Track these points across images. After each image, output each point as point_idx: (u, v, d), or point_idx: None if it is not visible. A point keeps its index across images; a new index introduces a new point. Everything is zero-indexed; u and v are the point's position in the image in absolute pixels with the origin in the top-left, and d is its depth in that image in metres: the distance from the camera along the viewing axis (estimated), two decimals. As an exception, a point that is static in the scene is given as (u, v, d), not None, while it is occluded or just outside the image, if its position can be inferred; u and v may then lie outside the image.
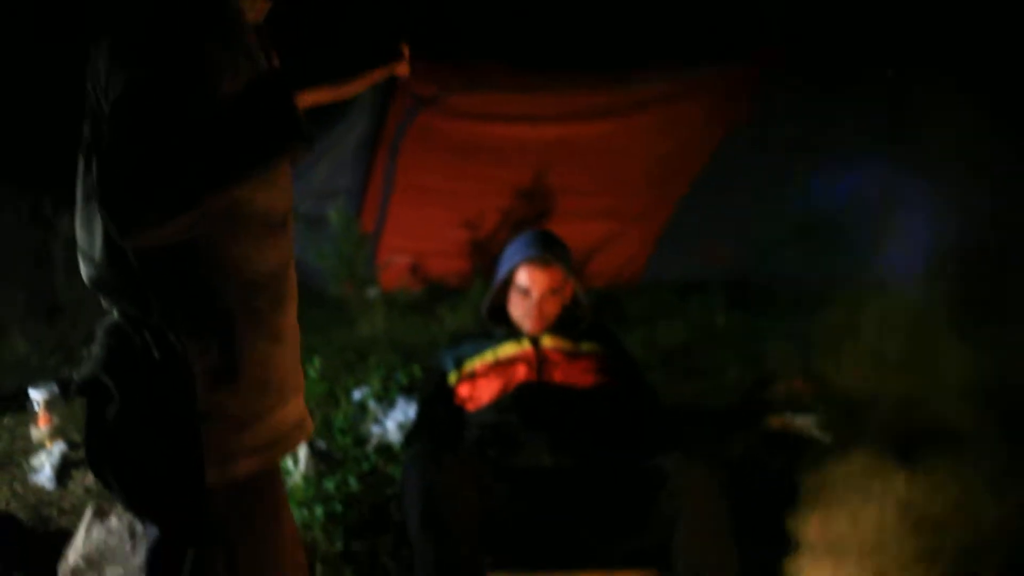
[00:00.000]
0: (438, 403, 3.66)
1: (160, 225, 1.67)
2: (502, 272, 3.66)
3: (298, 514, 3.32)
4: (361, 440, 3.49)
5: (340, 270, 6.20)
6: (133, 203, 1.65)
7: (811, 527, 3.39)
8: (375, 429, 3.69)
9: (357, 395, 3.77)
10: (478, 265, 6.66)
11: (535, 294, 3.59)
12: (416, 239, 6.95)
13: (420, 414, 3.71)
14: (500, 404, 3.52)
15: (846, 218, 5.67)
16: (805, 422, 3.71)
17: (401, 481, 3.26)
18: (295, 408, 2.04)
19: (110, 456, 1.87)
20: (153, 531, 1.92)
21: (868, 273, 5.39)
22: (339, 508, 3.33)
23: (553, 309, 3.65)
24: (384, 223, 6.90)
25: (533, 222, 6.68)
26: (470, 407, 3.59)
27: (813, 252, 5.62)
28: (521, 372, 3.57)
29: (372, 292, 6.62)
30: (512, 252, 3.69)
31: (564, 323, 3.70)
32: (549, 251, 3.61)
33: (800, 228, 5.73)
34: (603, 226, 6.88)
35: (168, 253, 1.76)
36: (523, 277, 3.60)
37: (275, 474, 2.04)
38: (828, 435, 3.68)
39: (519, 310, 3.64)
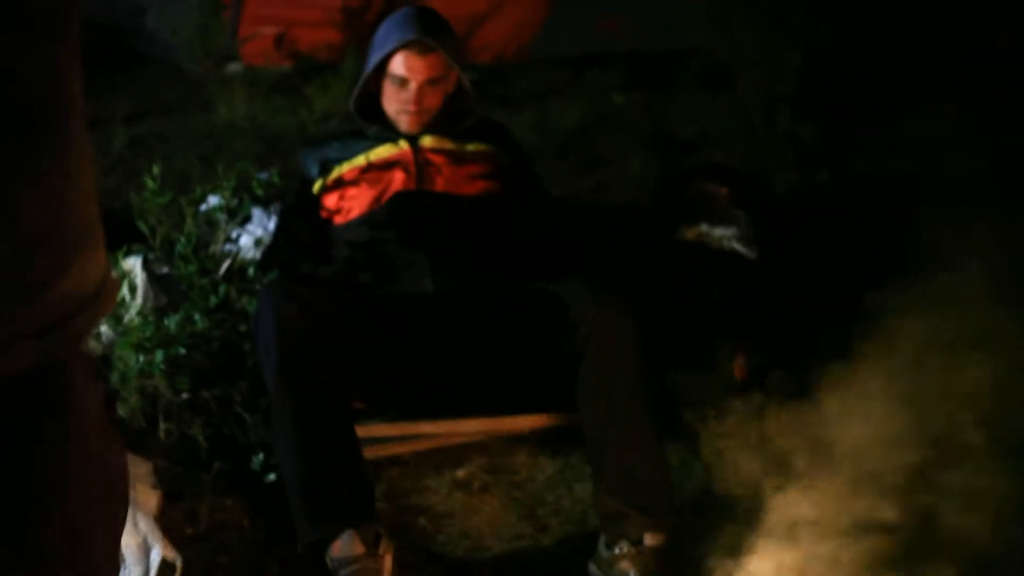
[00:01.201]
0: (299, 216, 3.13)
1: None
2: (373, 60, 3.08)
3: (135, 359, 2.80)
4: (208, 268, 2.93)
5: (194, 44, 5.50)
6: None
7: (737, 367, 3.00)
8: (227, 248, 3.14)
9: (205, 207, 3.18)
10: (351, 36, 6.01)
11: (413, 85, 3.03)
12: (282, 6, 6.25)
13: (277, 230, 3.19)
14: (373, 217, 3.02)
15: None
16: (725, 234, 3.23)
17: (254, 318, 2.74)
18: (91, 268, 1.46)
19: None
20: None
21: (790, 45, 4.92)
22: (182, 351, 2.80)
23: (434, 103, 3.10)
24: (247, -13, 6.17)
25: (412, -13, 6.05)
26: (338, 220, 3.07)
27: (723, 20, 5.08)
28: (398, 179, 3.06)
29: (233, 67, 5.96)
30: (385, 35, 3.09)
31: (448, 119, 3.16)
32: (429, 34, 3.02)
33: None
34: (486, -8, 6.24)
35: None
36: (398, 65, 3.03)
37: (70, 363, 1.49)
38: (753, 250, 3.22)
39: (394, 104, 3.08)
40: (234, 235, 3.21)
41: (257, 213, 3.41)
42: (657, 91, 5.49)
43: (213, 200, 3.13)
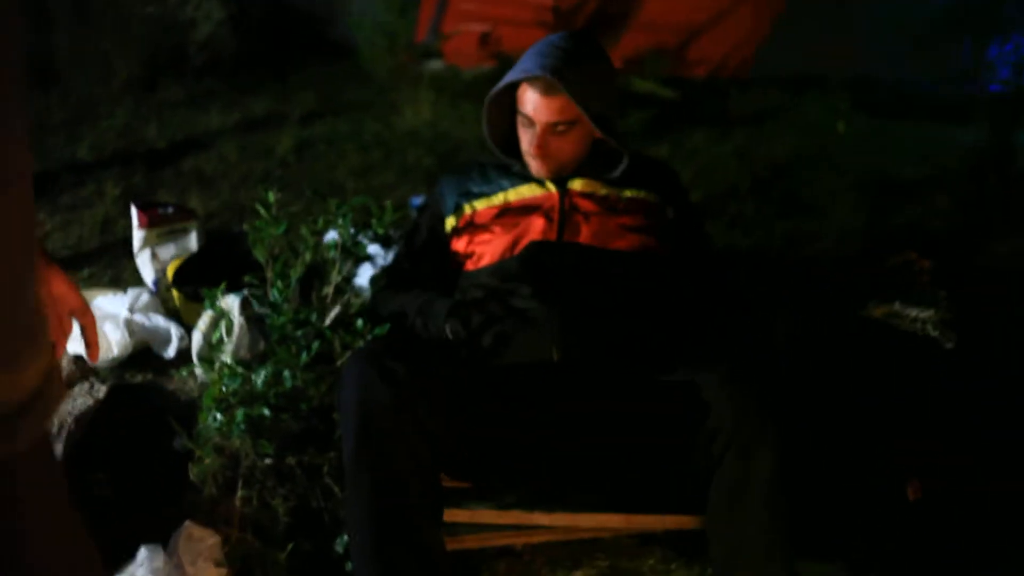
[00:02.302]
0: (426, 258, 2.75)
1: None
2: (499, 85, 2.67)
3: (212, 416, 2.48)
4: (303, 319, 2.55)
5: (377, 44, 5.20)
6: None
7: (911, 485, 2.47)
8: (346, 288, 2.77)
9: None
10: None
11: (537, 127, 2.62)
12: (490, 3, 5.95)
13: (394, 263, 2.82)
14: (503, 267, 2.59)
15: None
16: (921, 316, 2.68)
17: (339, 386, 2.33)
18: (18, 376, 1.13)
19: None
20: None
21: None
22: (266, 413, 2.44)
23: (564, 150, 2.67)
24: (451, -16, 5.91)
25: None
26: (468, 267, 2.67)
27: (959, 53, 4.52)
28: (536, 226, 2.63)
29: (434, 65, 5.67)
30: (521, 60, 2.67)
31: (602, 161, 2.71)
32: (560, 72, 2.55)
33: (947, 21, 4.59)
34: (708, 1, 5.74)
35: None
36: (524, 100, 2.63)
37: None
38: (951, 338, 2.66)
39: (524, 143, 2.69)
40: (352, 276, 2.83)
41: (380, 253, 3.06)
42: (885, 121, 4.91)
43: (331, 235, 2.76)
